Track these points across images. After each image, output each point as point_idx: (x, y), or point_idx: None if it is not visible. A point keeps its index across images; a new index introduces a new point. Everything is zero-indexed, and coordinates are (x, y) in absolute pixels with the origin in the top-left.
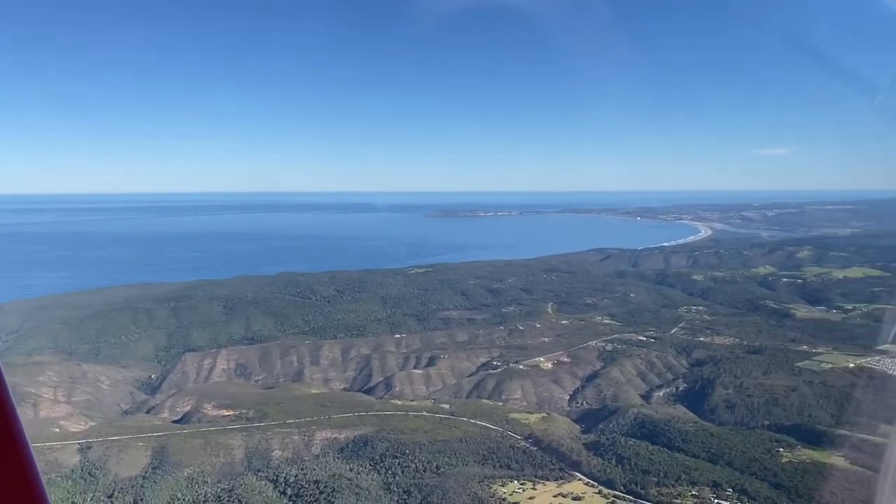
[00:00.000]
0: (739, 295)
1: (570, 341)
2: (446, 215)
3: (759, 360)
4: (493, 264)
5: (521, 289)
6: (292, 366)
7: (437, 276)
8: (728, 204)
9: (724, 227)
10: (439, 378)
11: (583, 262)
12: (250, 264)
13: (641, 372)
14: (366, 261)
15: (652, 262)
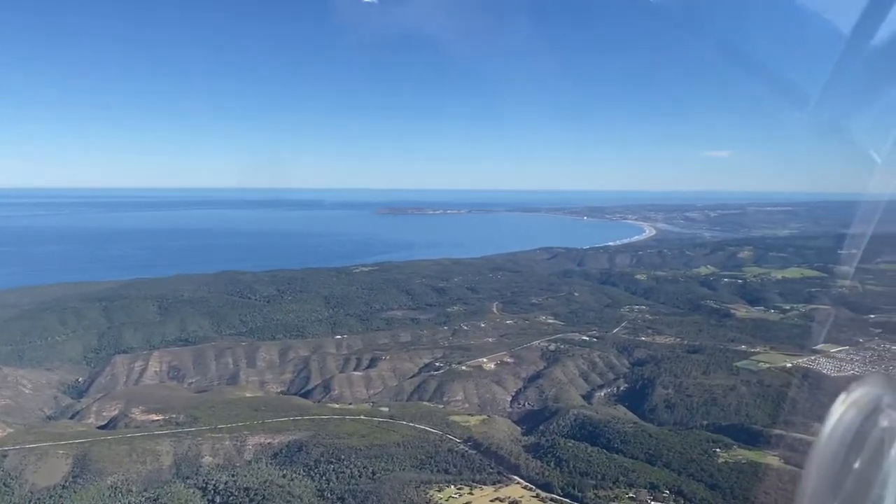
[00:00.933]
0: (681, 294)
1: (513, 341)
2: (395, 212)
3: (699, 359)
4: (440, 263)
5: (468, 288)
6: (227, 368)
7: (382, 275)
8: (673, 204)
9: (668, 227)
10: (380, 380)
11: (529, 261)
12: (191, 262)
13: (584, 372)
14: (310, 259)
15: (597, 262)
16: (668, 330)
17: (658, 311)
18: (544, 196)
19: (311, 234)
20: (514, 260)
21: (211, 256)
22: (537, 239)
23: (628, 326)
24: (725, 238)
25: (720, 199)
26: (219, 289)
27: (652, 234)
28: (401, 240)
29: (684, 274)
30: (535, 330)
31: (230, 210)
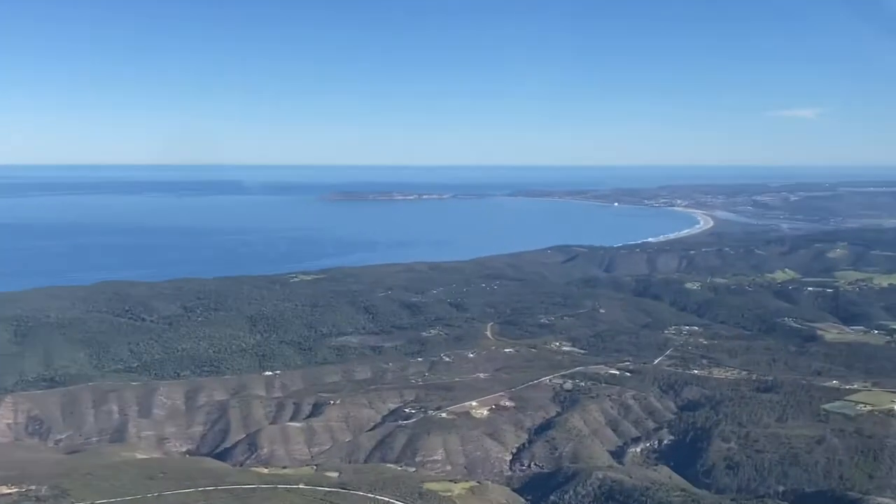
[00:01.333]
0: (749, 310)
1: (514, 378)
2: (349, 198)
3: (774, 400)
4: (413, 269)
5: (452, 304)
6: (111, 419)
7: (331, 285)
8: (737, 184)
9: (730, 215)
10: (327, 433)
11: (538, 266)
12: (63, 269)
13: (612, 419)
14: (229, 264)
15: (632, 265)
16: (729, 360)
17: (716, 334)
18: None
19: (229, 229)
20: (517, 264)
21: (90, 261)
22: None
23: (675, 355)
24: (810, 231)
25: (802, 175)
26: (100, 306)
27: (708, 227)
28: (358, 237)
29: (753, 281)
30: (545, 361)
31: (127, 196)
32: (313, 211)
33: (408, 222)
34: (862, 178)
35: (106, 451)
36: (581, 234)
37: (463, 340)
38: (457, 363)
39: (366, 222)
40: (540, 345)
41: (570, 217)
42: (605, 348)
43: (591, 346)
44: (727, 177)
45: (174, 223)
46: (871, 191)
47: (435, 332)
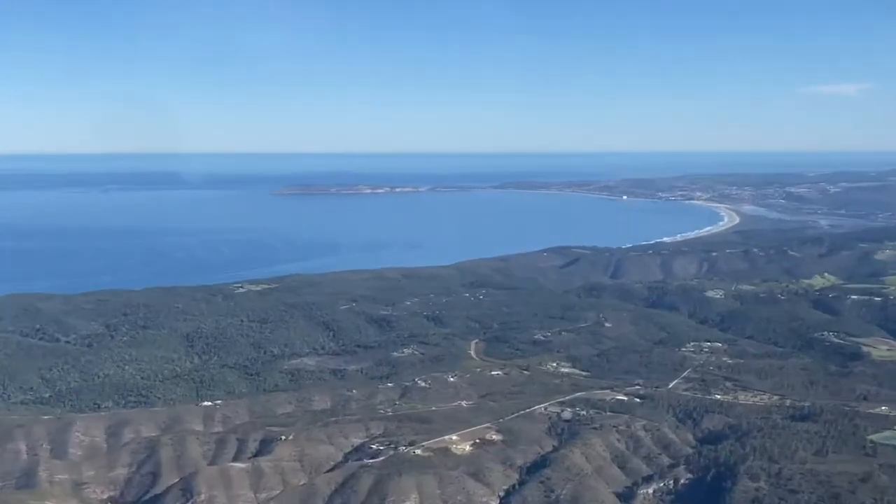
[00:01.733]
0: (781, 322)
1: (503, 406)
2: (307, 192)
3: (811, 430)
4: (382, 276)
5: (428, 317)
6: (18, 460)
7: (284, 296)
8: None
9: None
10: (277, 476)
11: (531, 271)
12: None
13: (619, 455)
14: (160, 273)
15: (644, 270)
16: (758, 382)
17: (743, 351)
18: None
19: (166, 230)
20: (507, 269)
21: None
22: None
23: (694, 377)
24: (854, 228)
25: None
26: (4, 325)
27: (733, 224)
28: (318, 238)
29: (786, 288)
30: (540, 386)
31: (42, 191)
32: (265, 207)
33: (377, 220)
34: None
35: (11, 499)
36: (583, 233)
37: (442, 361)
38: (434, 389)
39: (327, 221)
40: (534, 366)
41: (569, 213)
42: (610, 369)
43: (594, 366)
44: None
45: (97, 223)
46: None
47: (408, 352)
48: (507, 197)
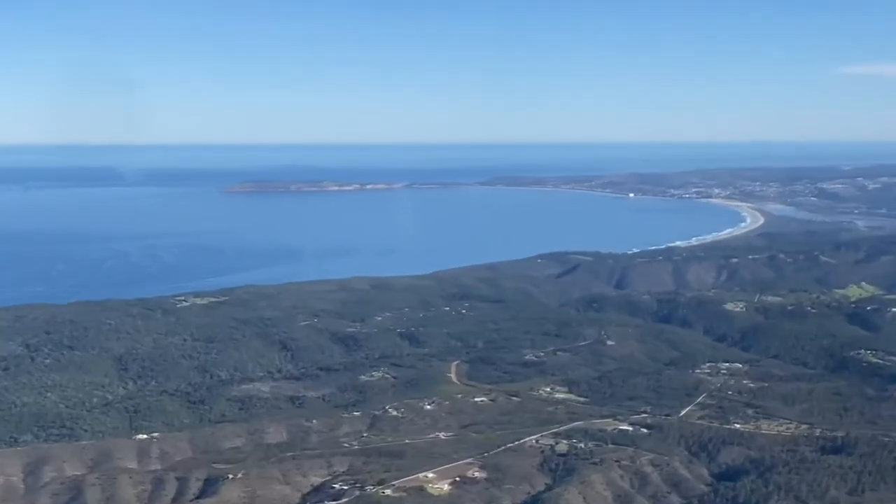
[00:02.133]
0: (811, 340)
1: (487, 437)
2: (263, 190)
3: (845, 464)
4: (349, 287)
5: (402, 335)
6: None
7: (235, 311)
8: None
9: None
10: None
11: (523, 281)
12: None
13: (623, 494)
14: (89, 284)
15: (652, 279)
16: (784, 409)
17: (766, 373)
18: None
19: (97, 234)
20: (495, 279)
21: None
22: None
23: (709, 403)
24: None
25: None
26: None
27: (757, 225)
28: (276, 243)
29: (817, 300)
30: (531, 414)
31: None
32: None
33: (345, 222)
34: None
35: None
36: (583, 236)
37: (417, 386)
38: (408, 418)
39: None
40: (524, 391)
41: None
42: (613, 395)
43: (594, 391)
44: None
45: (15, 226)
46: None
47: (378, 376)
48: (495, 195)
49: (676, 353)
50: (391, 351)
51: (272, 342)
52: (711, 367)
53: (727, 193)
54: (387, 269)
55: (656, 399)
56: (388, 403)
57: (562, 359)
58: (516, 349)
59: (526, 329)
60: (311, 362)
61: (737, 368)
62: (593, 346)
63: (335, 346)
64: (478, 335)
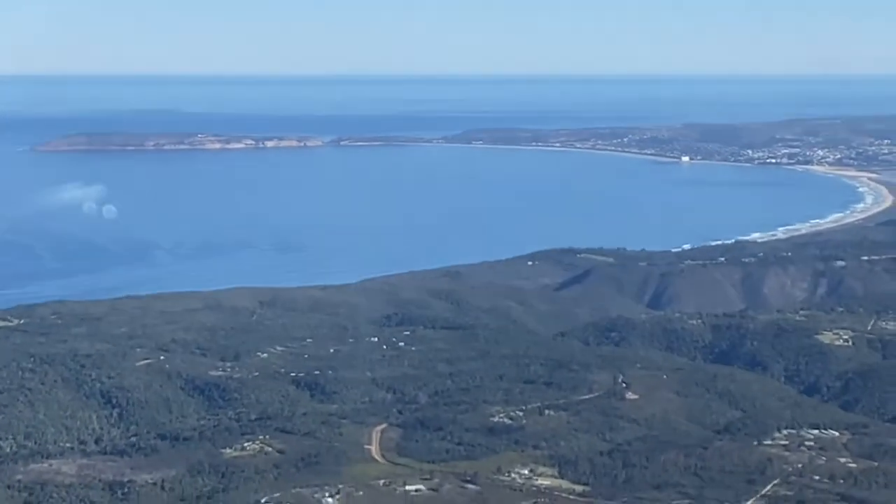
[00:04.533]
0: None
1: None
2: (97, 148)
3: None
4: (221, 303)
5: (298, 381)
6: None
7: (32, 343)
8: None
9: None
10: None
11: (503, 295)
12: None
13: None
14: None
15: (708, 293)
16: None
17: (879, 445)
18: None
19: None
20: (457, 292)
21: None
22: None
23: (784, 495)
24: None
25: None
26: None
27: (882, 207)
28: (111, 233)
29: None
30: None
31: None
32: (16, 175)
33: (228, 200)
34: None
35: None
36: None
37: (316, 467)
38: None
39: (135, 200)
40: (486, 474)
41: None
42: (630, 481)
43: (599, 475)
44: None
45: None
46: None
47: (254, 449)
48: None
49: (737, 414)
50: (278, 408)
51: (88, 393)
52: (791, 435)
53: (837, 157)
54: (287, 276)
55: (699, 489)
56: (267, 495)
57: (552, 422)
58: (480, 406)
59: (499, 373)
60: (148, 426)
61: (832, 438)
62: (604, 401)
63: (190, 401)
64: (421, 383)
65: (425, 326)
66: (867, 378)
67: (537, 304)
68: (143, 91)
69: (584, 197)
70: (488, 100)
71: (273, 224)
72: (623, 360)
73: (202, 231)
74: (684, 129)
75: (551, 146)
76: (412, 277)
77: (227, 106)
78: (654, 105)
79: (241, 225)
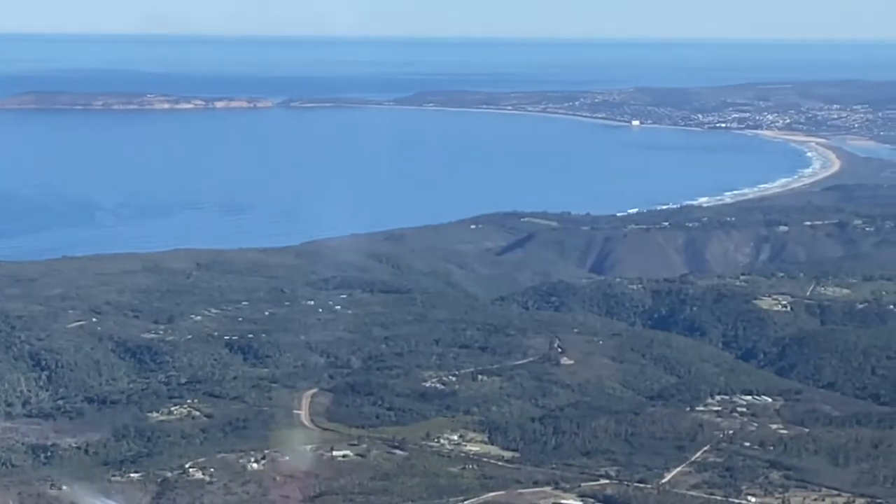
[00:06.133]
0: (889, 357)
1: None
2: (45, 107)
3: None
4: (158, 265)
5: (231, 344)
6: None
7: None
8: (892, 83)
9: (878, 148)
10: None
11: (444, 258)
12: None
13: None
14: None
15: (651, 257)
16: (830, 471)
17: (810, 412)
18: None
19: None
20: (397, 255)
21: None
22: (478, 188)
23: (713, 462)
24: None
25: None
26: None
27: (829, 173)
28: (49, 192)
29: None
30: (421, 479)
31: None
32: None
33: (175, 161)
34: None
35: None
36: (549, 188)
37: (243, 431)
38: (221, 486)
39: (80, 159)
40: (415, 440)
41: (530, 151)
42: (559, 448)
43: (529, 442)
44: (876, 65)
45: None
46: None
47: (181, 414)
48: (420, 119)
49: (672, 379)
50: (209, 372)
51: (17, 355)
52: (724, 401)
53: (786, 122)
54: (231, 237)
55: (628, 455)
56: (191, 460)
57: (484, 387)
58: (413, 371)
59: (435, 337)
60: (76, 389)
61: (764, 404)
62: (539, 366)
63: (120, 364)
64: (355, 347)
65: (363, 290)
66: (804, 344)
67: (479, 268)
68: (91, 50)
69: (533, 160)
70: (441, 62)
71: (220, 186)
72: (560, 325)
73: (147, 192)
74: (636, 92)
75: (503, 109)
76: (354, 240)
77: (176, 66)
78: (607, 69)
79: (188, 186)
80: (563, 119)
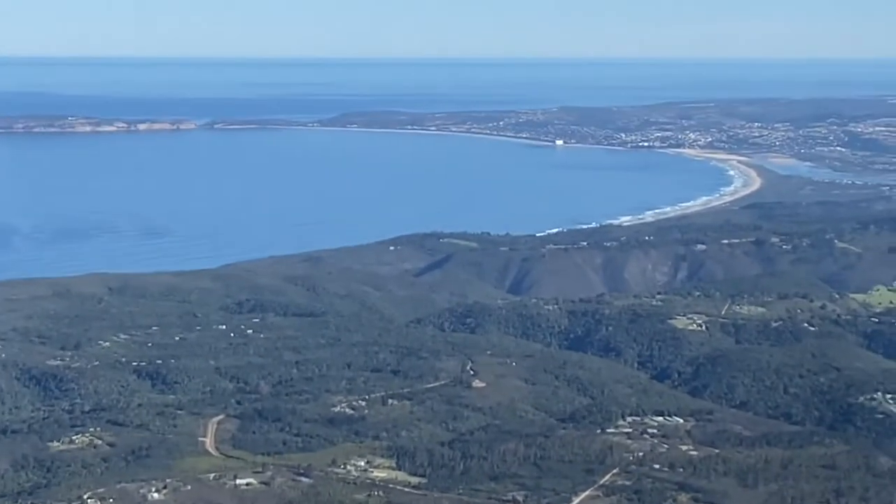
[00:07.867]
0: (802, 376)
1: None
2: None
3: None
4: (69, 290)
5: (139, 370)
6: None
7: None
8: (815, 100)
9: (798, 166)
10: None
11: (360, 280)
12: None
13: None
14: None
15: (569, 277)
16: (739, 493)
17: (720, 432)
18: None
19: None
20: (313, 278)
21: None
22: (399, 210)
23: (621, 485)
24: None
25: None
26: None
27: (750, 190)
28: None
29: (822, 311)
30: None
31: None
32: None
33: (95, 184)
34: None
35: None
36: (470, 209)
37: (146, 460)
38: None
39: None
40: (321, 466)
41: (452, 172)
42: (467, 472)
43: (437, 467)
44: (797, 83)
45: None
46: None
47: (83, 442)
48: (344, 140)
49: (584, 401)
50: (114, 399)
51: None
52: (635, 422)
53: (708, 141)
54: (148, 261)
55: (537, 479)
56: (90, 490)
57: (394, 412)
58: (322, 396)
59: (346, 361)
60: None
61: (675, 425)
62: (451, 389)
63: (24, 392)
64: (265, 372)
65: (276, 313)
66: (717, 363)
67: (395, 289)
68: (10, 72)
69: (455, 181)
70: (366, 83)
71: (139, 208)
72: (474, 347)
73: (65, 216)
74: (560, 112)
75: (427, 129)
76: (272, 263)
77: (99, 88)
78: (532, 88)
79: (107, 210)
80: (487, 139)
